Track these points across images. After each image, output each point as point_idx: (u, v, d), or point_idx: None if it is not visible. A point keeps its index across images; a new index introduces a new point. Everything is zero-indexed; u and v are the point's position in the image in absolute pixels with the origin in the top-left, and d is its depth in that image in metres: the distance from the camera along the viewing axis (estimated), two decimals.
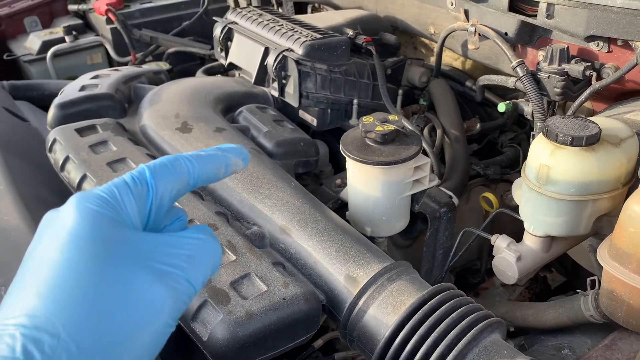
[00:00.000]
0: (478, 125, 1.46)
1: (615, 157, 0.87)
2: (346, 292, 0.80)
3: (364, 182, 1.01)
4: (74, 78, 1.39)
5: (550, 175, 0.87)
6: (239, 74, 1.51)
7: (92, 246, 0.42)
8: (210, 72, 1.73)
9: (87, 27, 2.10)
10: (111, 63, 2.02)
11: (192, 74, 1.74)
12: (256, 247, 0.86)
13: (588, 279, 1.00)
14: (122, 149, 1.01)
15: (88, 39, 1.96)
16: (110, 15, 1.87)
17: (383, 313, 0.76)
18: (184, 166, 0.49)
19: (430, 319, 0.72)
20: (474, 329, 0.70)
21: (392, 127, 0.97)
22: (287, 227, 0.89)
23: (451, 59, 1.70)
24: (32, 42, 1.97)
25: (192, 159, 0.50)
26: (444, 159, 1.37)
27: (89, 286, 0.41)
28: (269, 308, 0.74)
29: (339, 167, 1.40)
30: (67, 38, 1.90)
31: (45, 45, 1.90)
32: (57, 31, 1.94)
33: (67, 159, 1.00)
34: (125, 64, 1.93)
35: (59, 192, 1.02)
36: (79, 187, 0.96)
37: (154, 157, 1.02)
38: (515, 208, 1.29)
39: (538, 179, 0.89)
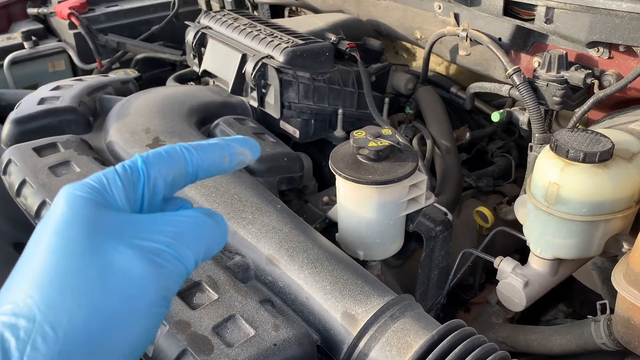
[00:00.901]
0: (468, 134, 1.40)
1: (628, 174, 0.81)
2: (344, 332, 0.71)
3: (357, 203, 0.92)
4: (34, 87, 1.27)
5: (561, 194, 0.80)
6: (214, 82, 1.41)
7: (72, 228, 0.41)
8: (182, 80, 1.62)
9: (48, 31, 1.96)
10: (75, 71, 1.89)
11: (162, 81, 1.63)
12: (240, 282, 0.77)
13: (598, 303, 0.93)
14: (87, 170, 0.91)
15: (49, 44, 1.83)
16: (73, 19, 1.74)
17: (387, 357, 0.67)
18: (181, 153, 0.47)
19: None
20: None
21: (386, 142, 0.89)
22: (275, 257, 0.80)
23: (434, 64, 1.63)
24: None
25: (190, 146, 0.48)
26: (434, 170, 1.30)
27: (64, 266, 0.39)
28: (258, 356, 0.65)
29: (323, 181, 1.31)
30: (26, 44, 1.76)
31: (2, 52, 1.75)
32: (15, 36, 1.81)
33: (23, 182, 0.89)
34: (90, 71, 1.81)
35: (16, 220, 0.90)
36: (37, 215, 0.85)
37: None
38: (511, 222, 1.23)
39: (547, 199, 0.82)
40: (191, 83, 1.59)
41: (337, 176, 0.91)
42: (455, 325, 0.69)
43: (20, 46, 1.79)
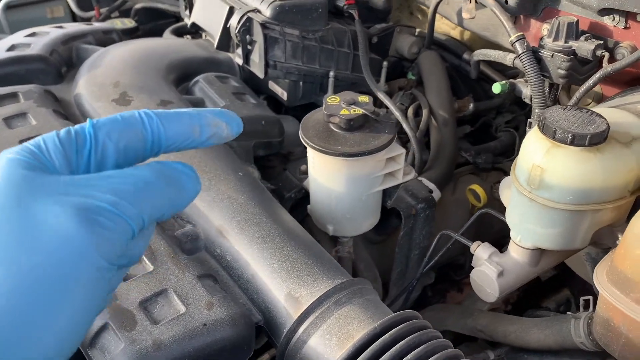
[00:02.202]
0: (471, 106, 1.30)
1: (624, 160, 0.72)
2: (285, 314, 0.66)
3: (326, 175, 0.85)
4: None
5: (544, 179, 0.72)
6: (204, 36, 1.34)
7: (6, 189, 0.37)
8: (179, 33, 1.55)
9: None
10: (75, 18, 1.83)
11: (161, 33, 1.56)
12: (187, 253, 0.72)
13: (581, 298, 0.86)
14: (42, 124, 0.86)
15: None
16: None
17: (326, 346, 0.62)
18: (139, 118, 0.43)
19: (382, 359, 0.58)
20: None
21: (359, 111, 0.81)
22: (225, 228, 0.74)
23: (449, 28, 1.52)
24: None
25: (152, 112, 0.44)
26: (429, 143, 1.22)
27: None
28: (184, 336, 0.60)
29: None
30: None
31: None
32: None
33: None
34: (89, 19, 1.75)
35: None
36: None
37: None
38: None
39: (529, 182, 0.74)
40: (187, 36, 1.52)
41: (306, 145, 0.84)
42: (404, 317, 0.62)
43: None
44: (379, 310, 0.65)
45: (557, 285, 1.40)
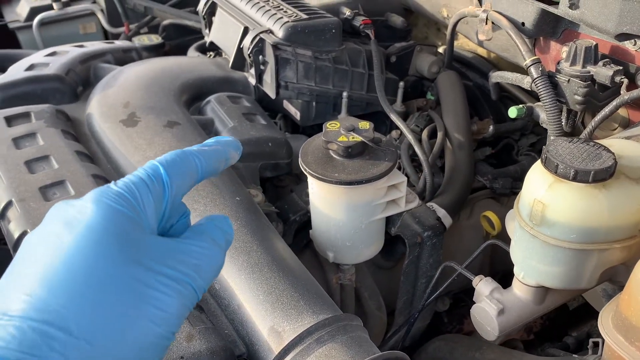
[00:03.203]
0: (491, 128, 1.26)
1: (633, 198, 0.67)
2: (267, 349, 0.64)
3: (325, 202, 0.84)
4: None
5: (546, 215, 0.68)
6: (224, 54, 1.35)
7: (109, 243, 0.40)
8: (203, 50, 1.57)
9: None
10: (106, 33, 1.88)
11: (188, 49, 1.58)
12: None
13: (591, 340, 0.81)
14: (49, 145, 0.88)
15: (78, 6, 1.82)
16: None
17: None
18: (193, 162, 0.49)
19: None
20: None
21: (358, 138, 0.79)
22: None
23: (475, 45, 1.48)
24: (22, 8, 1.84)
25: (199, 154, 0.49)
26: (444, 166, 1.18)
27: (104, 284, 0.39)
28: None
29: None
30: (54, 5, 1.76)
31: (33, 12, 1.77)
32: None
33: None
34: (119, 35, 1.80)
35: None
36: None
37: (84, 155, 0.88)
38: None
39: (531, 217, 0.70)
40: (211, 53, 1.53)
41: (305, 172, 0.83)
42: (386, 359, 0.60)
43: (51, 7, 1.79)
44: (362, 349, 0.63)
45: (587, 314, 1.34)
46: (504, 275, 1.25)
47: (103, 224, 0.40)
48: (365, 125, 0.83)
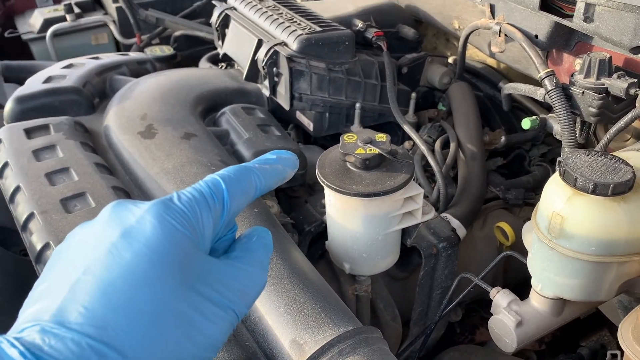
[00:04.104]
0: (503, 139, 1.26)
1: None
2: None
3: (342, 214, 0.84)
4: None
5: (565, 228, 0.69)
6: (236, 66, 1.36)
7: (169, 268, 0.40)
8: (215, 61, 1.58)
9: (97, 4, 1.98)
10: (117, 44, 1.90)
11: (200, 60, 1.60)
12: None
13: (609, 352, 0.81)
14: (68, 157, 0.89)
15: (91, 18, 1.84)
16: None
17: None
18: (253, 183, 0.48)
19: None
20: None
21: (375, 150, 0.80)
22: None
23: (485, 55, 1.49)
24: (35, 19, 1.87)
25: (260, 173, 0.49)
26: (456, 177, 1.19)
27: (160, 309, 0.39)
28: None
29: None
30: (68, 17, 1.78)
31: (47, 23, 1.79)
32: (61, 8, 1.84)
33: (6, 164, 0.88)
34: (131, 46, 1.81)
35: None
36: (11, 200, 0.84)
37: (103, 167, 0.89)
38: None
39: (550, 230, 0.71)
40: (222, 64, 1.55)
41: (322, 183, 0.83)
42: None
43: (64, 18, 1.81)
44: None
45: (597, 323, 1.34)
46: (515, 285, 1.25)
47: (164, 245, 0.40)
48: (382, 137, 0.83)
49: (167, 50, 1.67)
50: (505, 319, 0.76)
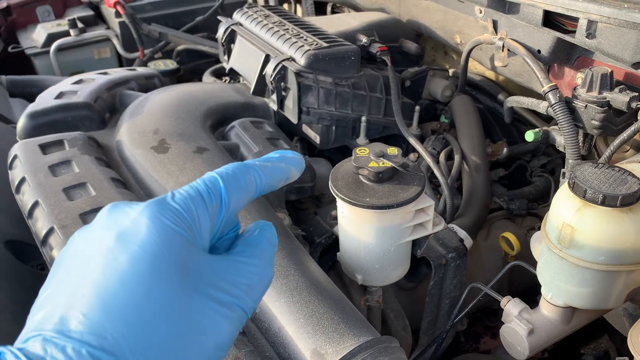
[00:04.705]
0: (505, 150, 1.29)
1: None
2: None
3: (355, 226, 0.86)
4: (80, 73, 1.28)
5: (575, 238, 0.71)
6: (242, 80, 1.38)
7: (165, 270, 0.39)
8: (218, 74, 1.61)
9: (99, 18, 2.00)
10: (120, 58, 1.92)
11: (202, 73, 1.62)
12: None
13: (617, 359, 0.83)
14: (85, 172, 0.90)
15: (94, 32, 1.86)
16: (118, 8, 1.76)
17: None
18: (253, 180, 0.47)
19: None
20: None
21: (388, 164, 0.82)
22: None
23: (483, 68, 1.52)
24: (38, 34, 1.88)
25: (261, 171, 0.48)
26: (461, 188, 1.21)
27: (160, 313, 0.38)
28: None
29: None
30: (71, 31, 1.80)
31: (50, 38, 1.80)
32: (65, 23, 1.85)
33: (23, 179, 0.90)
34: (134, 60, 1.83)
35: (14, 217, 0.91)
36: (29, 215, 0.85)
37: (118, 182, 0.90)
38: None
39: (560, 240, 0.73)
40: (226, 78, 1.57)
41: (335, 196, 0.85)
42: None
43: (67, 33, 1.83)
44: None
45: (596, 330, 1.36)
46: (520, 294, 1.27)
47: (159, 246, 0.39)
48: (394, 150, 0.85)
49: (170, 64, 1.69)
50: (517, 328, 0.78)
